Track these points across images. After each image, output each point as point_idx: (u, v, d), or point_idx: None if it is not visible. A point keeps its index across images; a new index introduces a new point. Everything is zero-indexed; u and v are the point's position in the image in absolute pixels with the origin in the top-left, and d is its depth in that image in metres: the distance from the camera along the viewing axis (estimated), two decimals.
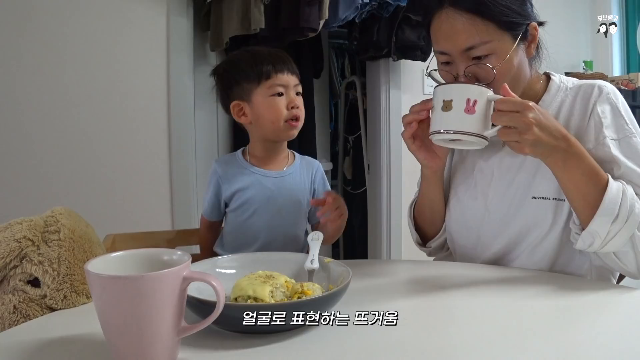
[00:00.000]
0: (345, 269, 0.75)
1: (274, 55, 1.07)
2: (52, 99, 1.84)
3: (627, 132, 0.91)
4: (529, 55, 0.94)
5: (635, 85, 2.93)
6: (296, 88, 1.08)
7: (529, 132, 0.78)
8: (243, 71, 1.06)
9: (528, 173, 0.96)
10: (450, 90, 0.85)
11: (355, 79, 3.09)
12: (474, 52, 0.88)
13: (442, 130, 0.84)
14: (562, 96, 0.98)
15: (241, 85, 1.07)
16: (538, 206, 0.94)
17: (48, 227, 0.81)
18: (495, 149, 1.01)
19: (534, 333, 0.65)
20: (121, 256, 0.61)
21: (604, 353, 0.60)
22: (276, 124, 1.05)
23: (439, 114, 0.85)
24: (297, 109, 1.06)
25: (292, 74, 1.07)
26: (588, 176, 0.82)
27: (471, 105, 0.82)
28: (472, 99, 0.82)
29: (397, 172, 2.70)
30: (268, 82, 1.04)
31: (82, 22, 1.86)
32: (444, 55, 0.92)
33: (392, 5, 2.22)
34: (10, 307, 0.76)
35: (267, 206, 1.05)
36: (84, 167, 1.88)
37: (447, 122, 0.84)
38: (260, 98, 1.05)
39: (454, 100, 0.83)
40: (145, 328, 0.54)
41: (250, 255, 0.85)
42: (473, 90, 0.83)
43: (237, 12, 1.88)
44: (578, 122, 0.95)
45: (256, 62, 1.05)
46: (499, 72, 0.87)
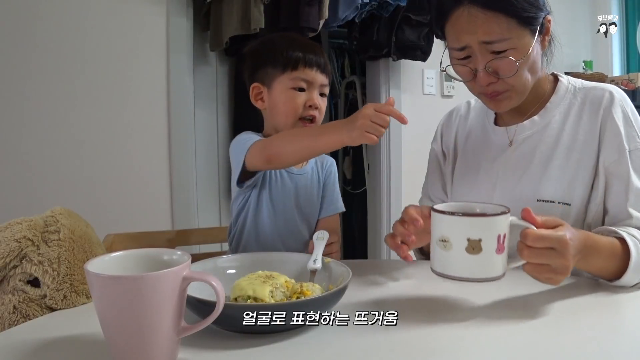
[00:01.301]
0: (345, 269, 0.75)
1: (309, 47, 1.01)
2: (52, 98, 1.84)
3: (638, 145, 0.90)
4: (544, 48, 0.93)
5: (635, 85, 2.93)
6: (322, 88, 1.02)
7: (566, 271, 0.69)
8: (272, 54, 1.00)
9: (534, 175, 0.95)
10: (477, 226, 0.67)
11: (355, 79, 3.09)
12: (494, 47, 0.87)
13: (466, 277, 0.68)
14: (570, 98, 0.97)
15: (266, 69, 1.01)
16: (543, 209, 0.91)
17: (48, 227, 0.81)
18: (500, 149, 1.00)
19: (534, 332, 0.65)
20: (121, 256, 0.61)
21: (604, 353, 0.60)
22: (289, 119, 1.00)
23: (461, 256, 0.67)
24: (315, 110, 1.00)
25: (322, 72, 1.01)
26: (609, 258, 0.79)
27: (502, 243, 0.67)
28: (503, 234, 0.67)
29: (397, 172, 2.70)
30: (293, 73, 0.99)
31: (81, 22, 1.86)
32: (462, 51, 0.90)
33: (392, 5, 2.22)
34: (10, 307, 0.76)
35: (284, 207, 1.03)
36: (84, 166, 1.88)
37: (474, 268, 0.67)
38: (280, 87, 1.00)
39: (483, 240, 0.66)
40: (145, 328, 0.54)
41: (250, 255, 0.85)
42: (502, 222, 0.67)
43: (237, 12, 1.89)
44: (587, 128, 0.93)
45: (288, 48, 0.99)
46: (520, 66, 0.87)
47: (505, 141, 1.00)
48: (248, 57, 1.07)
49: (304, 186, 1.06)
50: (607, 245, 0.80)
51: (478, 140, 1.06)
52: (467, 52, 0.90)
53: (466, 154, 1.08)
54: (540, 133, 0.97)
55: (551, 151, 0.94)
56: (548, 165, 0.92)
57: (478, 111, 1.12)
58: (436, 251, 0.70)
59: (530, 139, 0.97)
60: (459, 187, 1.07)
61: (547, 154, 0.94)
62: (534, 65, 0.91)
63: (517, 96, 0.93)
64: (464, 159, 1.08)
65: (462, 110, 1.15)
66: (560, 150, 0.94)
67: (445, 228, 0.68)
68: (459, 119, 1.14)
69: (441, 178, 1.14)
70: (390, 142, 2.68)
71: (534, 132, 0.97)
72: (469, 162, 1.06)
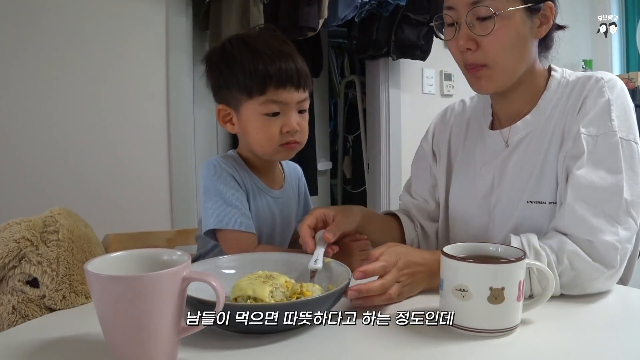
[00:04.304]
0: (345, 269, 0.74)
1: (278, 55, 0.84)
2: (51, 98, 1.83)
3: (607, 129, 0.81)
4: (538, 35, 0.89)
5: (635, 84, 2.93)
6: (300, 105, 0.88)
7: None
8: (233, 73, 0.85)
9: (528, 177, 0.90)
10: (500, 273, 0.62)
11: (355, 78, 3.10)
12: (479, 11, 0.84)
13: (488, 329, 0.63)
14: (561, 92, 0.91)
15: (230, 90, 0.87)
16: (531, 210, 0.88)
17: (47, 227, 0.81)
18: (495, 154, 0.96)
19: (534, 331, 0.65)
20: (121, 256, 0.61)
21: (604, 352, 0.60)
22: (266, 148, 0.88)
23: (482, 307, 0.62)
24: (295, 134, 0.87)
25: (298, 88, 0.85)
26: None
27: (521, 289, 0.63)
28: (522, 280, 0.63)
29: (396, 171, 2.70)
30: (262, 97, 0.84)
31: (80, 22, 1.85)
32: (450, 10, 0.87)
33: (392, 4, 2.22)
34: (9, 308, 0.75)
35: (269, 229, 0.96)
36: (83, 166, 1.88)
37: (495, 319, 0.63)
38: (249, 113, 0.86)
39: (506, 288, 0.61)
40: (145, 328, 0.53)
41: (250, 255, 0.84)
42: (522, 267, 0.64)
43: (236, 11, 1.88)
44: (570, 119, 0.87)
45: (250, 63, 0.84)
46: (498, 33, 0.83)
47: (501, 145, 0.95)
48: (208, 69, 0.91)
49: (285, 208, 0.99)
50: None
51: (474, 144, 1.02)
52: (452, 14, 0.87)
53: (462, 157, 1.04)
54: (533, 134, 0.92)
55: (545, 150, 0.89)
56: (543, 165, 0.88)
57: (474, 112, 1.07)
58: (450, 301, 0.64)
59: (524, 140, 0.93)
60: (456, 190, 1.03)
61: (542, 153, 0.90)
62: (521, 45, 0.86)
63: (498, 77, 0.88)
64: (460, 163, 1.04)
65: (456, 110, 1.11)
66: (553, 149, 0.88)
67: (464, 276, 0.63)
68: (454, 118, 1.10)
69: (430, 178, 1.10)
70: (389, 142, 2.69)
71: (527, 132, 0.92)
72: (465, 166, 1.03)
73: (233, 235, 0.88)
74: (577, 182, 0.80)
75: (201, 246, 1.00)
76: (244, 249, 0.86)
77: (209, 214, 0.88)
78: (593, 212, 0.78)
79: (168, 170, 2.00)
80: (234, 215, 0.88)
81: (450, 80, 2.86)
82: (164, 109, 1.99)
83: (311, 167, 2.58)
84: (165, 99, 1.98)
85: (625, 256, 0.78)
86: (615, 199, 0.78)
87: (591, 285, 0.76)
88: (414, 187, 1.13)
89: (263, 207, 0.95)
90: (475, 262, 0.63)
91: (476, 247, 0.70)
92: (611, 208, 0.78)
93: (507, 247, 0.70)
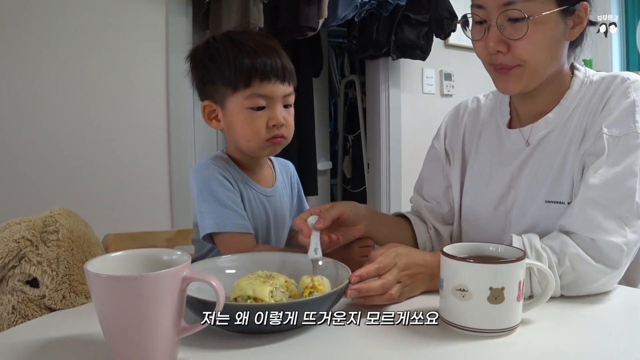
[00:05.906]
0: (345, 269, 0.74)
1: (263, 50, 0.85)
2: (51, 98, 1.83)
3: (630, 130, 0.80)
4: (571, 37, 0.87)
5: None
6: (286, 99, 0.88)
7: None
8: (218, 67, 0.86)
9: (548, 177, 0.88)
10: (500, 273, 0.62)
11: (355, 78, 3.10)
12: (511, 13, 0.81)
13: (487, 329, 0.63)
14: (584, 92, 0.89)
15: (215, 85, 0.87)
16: (550, 210, 0.86)
17: (47, 227, 0.81)
18: (513, 154, 0.93)
19: (534, 331, 0.65)
20: (121, 256, 0.61)
21: (604, 353, 0.60)
22: (252, 143, 0.88)
23: (482, 307, 0.62)
24: (281, 128, 0.87)
25: (283, 81, 0.86)
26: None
27: (521, 289, 0.64)
28: (522, 280, 0.64)
29: (396, 171, 2.70)
30: (247, 90, 0.84)
31: (80, 21, 1.85)
32: (480, 9, 0.84)
33: (392, 4, 2.22)
34: (9, 308, 0.75)
35: (264, 228, 0.96)
36: (83, 166, 1.88)
37: (495, 318, 0.63)
38: (234, 107, 0.86)
39: (506, 288, 0.62)
40: (145, 328, 0.53)
41: (250, 255, 0.84)
42: (523, 267, 0.64)
43: (236, 11, 1.88)
44: (593, 118, 0.85)
45: (236, 58, 0.84)
46: (531, 37, 0.81)
47: (521, 144, 0.92)
48: (193, 66, 0.92)
49: (278, 205, 0.99)
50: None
51: (491, 144, 0.99)
52: (482, 13, 0.84)
53: (476, 157, 1.01)
54: (553, 132, 0.90)
55: (565, 149, 0.87)
56: (563, 164, 0.86)
57: (490, 110, 1.03)
58: (450, 301, 0.65)
59: (546, 139, 0.90)
60: (470, 192, 1.00)
61: (562, 152, 0.88)
62: (553, 48, 0.84)
63: (527, 77, 0.86)
64: (476, 164, 1.00)
65: (470, 108, 1.07)
66: (573, 147, 0.86)
67: (464, 276, 0.63)
68: (467, 116, 1.05)
69: (444, 180, 1.06)
70: (389, 141, 2.69)
71: (548, 131, 0.90)
72: (481, 167, 0.99)
73: (231, 238, 0.88)
74: (592, 181, 0.79)
75: (198, 249, 0.99)
76: (243, 250, 0.86)
77: (205, 218, 0.88)
78: (603, 212, 0.77)
79: (168, 170, 2.00)
80: (230, 218, 0.88)
81: (450, 80, 2.86)
82: (164, 109, 1.99)
83: (311, 167, 2.58)
84: (165, 99, 1.98)
85: (630, 259, 0.78)
86: (628, 201, 0.77)
87: (592, 286, 0.76)
88: (426, 189, 1.08)
89: (257, 205, 0.95)
90: (475, 262, 0.63)
91: (476, 247, 0.70)
92: (622, 210, 0.77)
93: (507, 247, 0.70)
